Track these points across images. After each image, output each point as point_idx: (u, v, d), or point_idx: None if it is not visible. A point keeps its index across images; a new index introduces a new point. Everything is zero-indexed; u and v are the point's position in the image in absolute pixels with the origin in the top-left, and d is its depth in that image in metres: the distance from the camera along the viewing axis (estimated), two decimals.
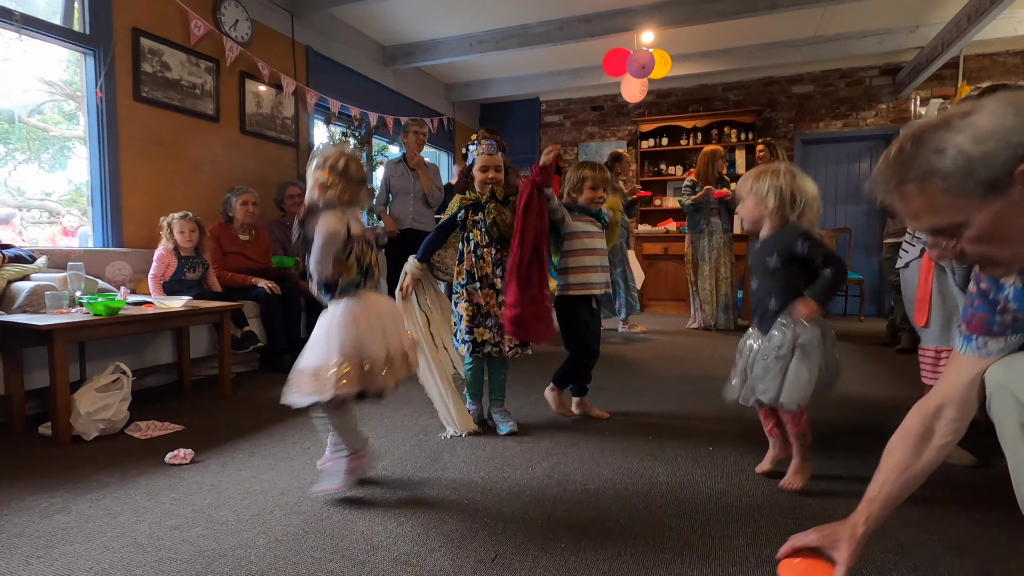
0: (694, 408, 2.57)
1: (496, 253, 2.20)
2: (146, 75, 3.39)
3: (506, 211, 2.19)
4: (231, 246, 3.45)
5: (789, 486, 1.67)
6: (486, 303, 2.19)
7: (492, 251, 2.20)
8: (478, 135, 2.25)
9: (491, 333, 2.19)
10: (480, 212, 2.20)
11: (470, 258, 2.21)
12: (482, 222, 2.19)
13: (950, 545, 1.37)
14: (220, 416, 2.48)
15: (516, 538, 1.41)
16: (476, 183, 2.22)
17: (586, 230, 2.34)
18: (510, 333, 2.10)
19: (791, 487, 1.67)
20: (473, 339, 2.19)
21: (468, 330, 2.19)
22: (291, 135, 4.51)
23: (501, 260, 2.20)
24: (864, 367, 3.40)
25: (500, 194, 2.19)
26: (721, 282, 4.81)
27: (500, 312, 2.17)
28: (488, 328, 2.19)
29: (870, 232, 6.16)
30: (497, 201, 2.18)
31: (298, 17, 4.52)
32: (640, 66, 4.74)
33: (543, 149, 2.31)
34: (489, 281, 2.19)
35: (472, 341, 2.19)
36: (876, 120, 6.10)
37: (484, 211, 2.19)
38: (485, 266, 2.19)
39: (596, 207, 2.38)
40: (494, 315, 2.19)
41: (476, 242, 2.20)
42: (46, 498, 1.64)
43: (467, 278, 2.21)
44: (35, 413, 2.38)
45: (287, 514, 1.54)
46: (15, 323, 2.11)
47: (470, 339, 2.19)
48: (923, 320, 1.93)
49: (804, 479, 1.69)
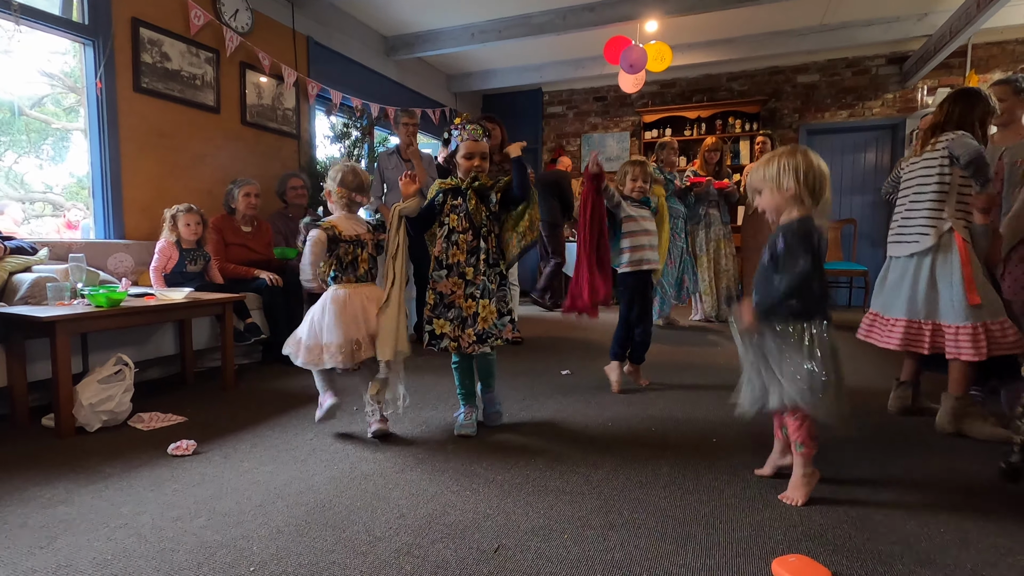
0: (697, 399, 2.55)
1: (472, 240, 2.08)
2: (146, 66, 3.37)
3: (482, 206, 2.09)
4: (233, 238, 3.45)
5: (788, 501, 1.54)
6: (450, 292, 2.07)
7: (468, 237, 2.08)
8: (462, 119, 2.13)
9: (451, 326, 2.06)
10: (460, 197, 2.09)
11: (441, 244, 2.09)
12: (462, 207, 2.08)
13: (956, 537, 1.36)
14: (222, 408, 2.48)
15: (518, 530, 1.40)
16: (460, 170, 2.12)
17: (640, 214, 2.73)
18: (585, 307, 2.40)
19: (790, 502, 1.53)
20: (432, 330, 2.07)
21: (428, 320, 2.08)
22: (292, 126, 4.49)
23: (476, 248, 2.08)
24: (867, 359, 3.38)
25: (484, 181, 2.10)
26: (722, 274, 4.79)
27: (465, 304, 2.06)
28: (448, 320, 2.07)
29: (875, 223, 6.12)
30: (476, 192, 2.08)
31: (298, 7, 4.48)
32: (629, 64, 4.71)
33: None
34: (459, 270, 2.07)
35: (431, 332, 2.08)
36: (883, 110, 6.04)
37: (465, 197, 2.08)
38: (458, 253, 2.07)
39: (639, 196, 2.75)
40: (457, 306, 2.07)
41: (452, 227, 2.08)
42: (49, 489, 1.65)
43: (435, 264, 2.10)
44: (38, 405, 2.38)
45: (289, 505, 1.53)
46: (17, 315, 2.11)
47: (429, 330, 2.07)
48: (978, 298, 1.97)
49: (805, 494, 1.53)
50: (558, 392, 2.70)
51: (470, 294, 2.07)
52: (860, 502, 1.54)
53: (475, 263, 2.07)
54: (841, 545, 1.32)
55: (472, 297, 2.06)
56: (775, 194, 1.57)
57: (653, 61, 4.75)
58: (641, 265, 2.71)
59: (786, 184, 1.54)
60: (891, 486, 1.65)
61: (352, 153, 4.55)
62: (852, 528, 1.40)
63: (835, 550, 1.30)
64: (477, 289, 2.06)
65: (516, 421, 2.27)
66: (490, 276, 2.09)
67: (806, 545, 1.32)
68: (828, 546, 1.32)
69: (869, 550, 1.30)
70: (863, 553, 1.29)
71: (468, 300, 2.07)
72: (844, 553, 1.29)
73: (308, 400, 2.54)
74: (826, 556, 1.27)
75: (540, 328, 4.75)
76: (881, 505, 1.53)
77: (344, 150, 4.53)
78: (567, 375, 3.05)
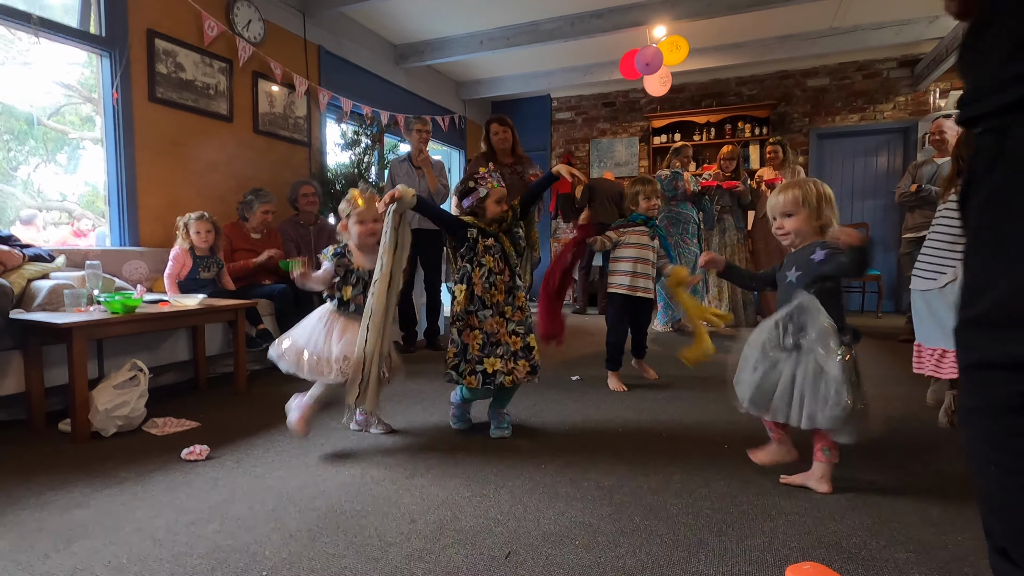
0: (707, 405, 2.54)
1: (509, 280, 2.14)
2: (161, 76, 3.42)
3: (512, 246, 2.17)
4: (242, 243, 3.48)
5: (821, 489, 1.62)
6: (496, 331, 2.11)
7: (505, 277, 2.14)
8: (487, 170, 2.22)
9: (502, 362, 2.08)
10: (492, 238, 2.13)
11: (481, 284, 2.10)
12: (496, 248, 2.12)
13: (974, 546, 1.34)
14: (235, 413, 2.50)
15: (529, 535, 1.40)
16: (489, 214, 2.14)
17: (634, 242, 2.83)
18: (545, 340, 2.30)
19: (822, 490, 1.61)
20: (484, 370, 2.08)
21: (479, 360, 2.08)
22: (303, 134, 4.53)
23: (513, 288, 2.15)
24: (882, 363, 3.34)
25: (508, 220, 2.18)
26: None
27: (510, 340, 2.11)
28: (499, 357, 2.09)
29: (888, 227, 6.05)
30: (506, 234, 2.16)
31: (310, 16, 4.54)
32: (645, 64, 4.70)
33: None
34: (500, 309, 2.12)
35: (483, 372, 2.08)
36: (894, 113, 5.99)
37: (498, 239, 2.13)
38: (497, 294, 2.12)
39: (653, 215, 2.85)
40: (504, 343, 2.10)
41: (490, 268, 2.11)
42: (65, 493, 1.67)
43: (477, 304, 2.10)
44: (55, 410, 2.41)
45: (301, 510, 1.54)
46: (35, 321, 2.15)
47: (480, 370, 2.07)
48: None
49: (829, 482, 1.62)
50: (568, 398, 2.69)
51: (512, 331, 2.12)
52: (875, 508, 1.52)
53: (512, 301, 2.15)
54: (856, 553, 1.31)
55: (515, 333, 2.12)
56: (811, 221, 1.63)
57: (669, 54, 4.71)
58: (636, 291, 2.81)
59: (826, 214, 1.62)
60: (908, 492, 1.62)
61: (363, 160, 4.59)
62: (867, 535, 1.39)
63: (850, 558, 1.28)
64: (519, 325, 2.13)
65: (526, 427, 2.27)
66: (525, 309, 2.20)
67: (820, 553, 1.31)
68: (843, 554, 1.30)
69: (885, 558, 1.29)
70: (879, 561, 1.27)
71: (512, 336, 2.12)
72: (859, 561, 1.27)
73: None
74: (841, 564, 1.26)
75: None
76: (897, 512, 1.51)
77: (355, 157, 4.57)
78: (577, 380, 3.04)
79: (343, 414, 2.21)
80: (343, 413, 2.19)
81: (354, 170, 4.42)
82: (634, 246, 2.83)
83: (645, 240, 2.84)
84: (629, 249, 2.83)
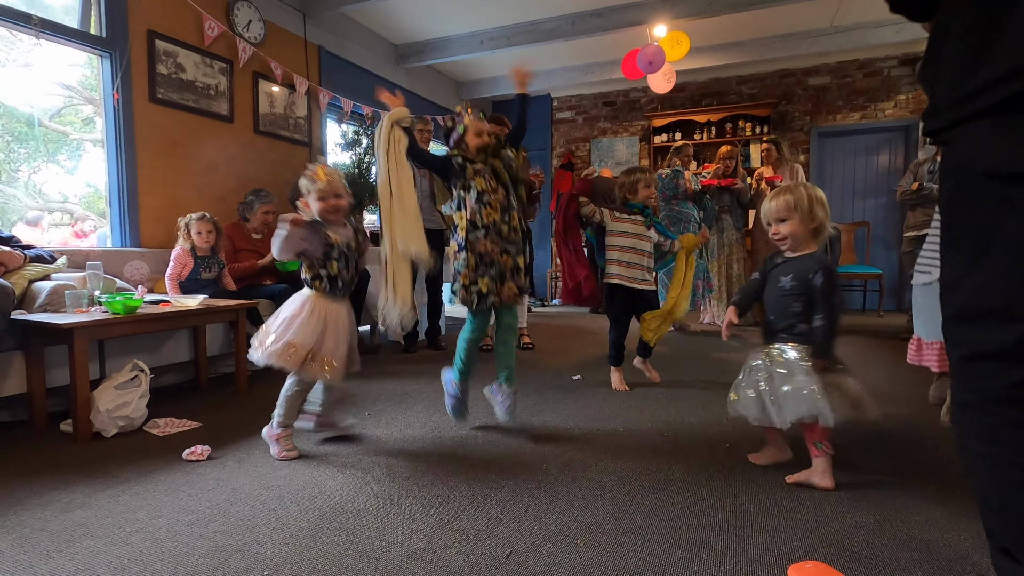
0: (709, 404, 2.53)
1: (504, 199, 2.13)
2: (161, 76, 3.43)
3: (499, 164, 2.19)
4: (243, 243, 3.49)
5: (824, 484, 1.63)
6: (489, 251, 2.11)
7: (499, 196, 2.12)
8: (461, 108, 2.23)
9: (493, 283, 2.10)
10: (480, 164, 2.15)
11: (473, 206, 2.11)
12: (485, 169, 2.13)
13: (976, 544, 1.33)
14: (236, 413, 2.50)
15: (531, 535, 1.40)
16: (472, 148, 2.16)
17: (629, 231, 2.75)
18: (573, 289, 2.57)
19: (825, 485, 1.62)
20: (478, 290, 2.10)
21: (472, 280, 2.10)
22: (304, 135, 4.54)
23: (508, 206, 2.14)
24: (884, 362, 3.33)
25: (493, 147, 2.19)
26: (733, 280, 4.76)
27: (502, 259, 2.12)
28: (491, 278, 2.10)
29: (889, 226, 6.05)
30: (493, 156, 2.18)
31: (310, 17, 4.54)
32: (648, 62, 4.69)
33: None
34: (496, 228, 2.11)
35: (477, 292, 2.10)
36: (895, 111, 5.98)
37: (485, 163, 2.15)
38: (492, 213, 2.10)
39: (650, 204, 2.76)
40: (498, 263, 2.11)
41: (480, 190, 2.11)
42: (67, 493, 1.67)
43: (470, 227, 2.11)
44: (56, 410, 2.42)
45: (302, 510, 1.54)
46: (36, 322, 2.15)
47: (475, 290, 2.10)
48: None
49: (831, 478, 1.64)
50: (569, 397, 2.69)
51: (505, 249, 2.13)
52: (878, 507, 1.52)
53: (508, 220, 2.14)
54: (859, 552, 1.30)
55: (507, 252, 2.13)
56: (805, 224, 1.67)
57: (671, 50, 4.71)
58: (634, 283, 2.75)
59: (819, 215, 1.66)
60: (911, 491, 1.62)
61: (363, 161, 4.59)
62: (870, 534, 1.38)
63: (852, 557, 1.28)
64: (512, 245, 2.15)
65: (528, 426, 2.26)
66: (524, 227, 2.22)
67: (823, 552, 1.30)
68: (845, 553, 1.30)
69: (888, 557, 1.28)
70: (881, 560, 1.27)
71: (504, 255, 2.13)
72: (862, 560, 1.27)
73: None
74: (843, 563, 1.25)
75: (551, 334, 4.74)
76: (899, 510, 1.50)
77: (355, 157, 4.57)
78: (578, 380, 3.04)
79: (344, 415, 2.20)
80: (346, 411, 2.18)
81: (355, 170, 4.42)
82: (629, 235, 2.75)
83: (641, 229, 2.76)
84: (622, 238, 2.75)
